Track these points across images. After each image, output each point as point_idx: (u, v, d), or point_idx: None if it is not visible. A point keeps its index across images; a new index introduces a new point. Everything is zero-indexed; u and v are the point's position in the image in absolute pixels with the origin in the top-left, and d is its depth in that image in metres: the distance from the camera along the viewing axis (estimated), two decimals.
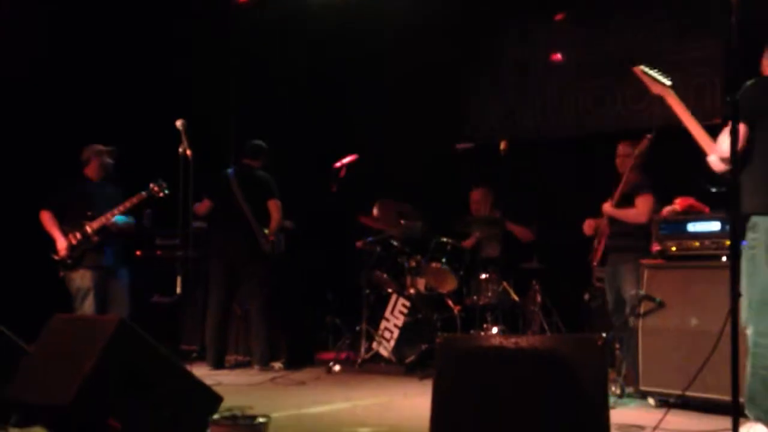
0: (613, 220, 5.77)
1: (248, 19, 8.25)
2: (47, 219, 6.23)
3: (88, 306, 6.11)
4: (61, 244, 6.14)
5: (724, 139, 3.70)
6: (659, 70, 4.34)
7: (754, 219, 3.78)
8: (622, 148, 5.83)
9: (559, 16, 7.87)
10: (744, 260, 3.78)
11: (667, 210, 5.19)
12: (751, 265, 3.77)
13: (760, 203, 3.75)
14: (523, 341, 3.43)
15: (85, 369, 3.54)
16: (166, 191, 6.17)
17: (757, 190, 3.77)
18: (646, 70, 4.35)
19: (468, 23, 8.25)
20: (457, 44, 8.34)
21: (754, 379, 3.72)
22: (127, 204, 6.22)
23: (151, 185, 6.20)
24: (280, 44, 8.47)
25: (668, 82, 4.25)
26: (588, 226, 6.00)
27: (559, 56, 7.82)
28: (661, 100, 4.20)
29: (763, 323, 3.70)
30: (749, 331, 3.78)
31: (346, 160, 7.07)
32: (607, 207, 5.76)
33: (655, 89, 4.28)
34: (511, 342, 3.43)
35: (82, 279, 6.15)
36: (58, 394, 3.52)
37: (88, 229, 6.15)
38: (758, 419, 3.74)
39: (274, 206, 6.82)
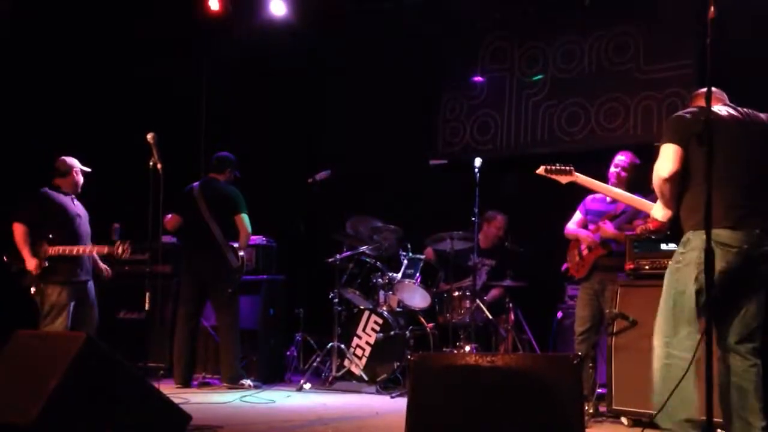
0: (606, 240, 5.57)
1: (220, 31, 8.19)
2: (20, 234, 5.91)
3: (60, 322, 5.83)
4: (31, 264, 5.83)
5: (661, 163, 3.78)
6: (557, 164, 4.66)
7: (688, 235, 3.80)
8: (630, 158, 5.58)
9: None
10: (668, 273, 3.85)
11: (640, 228, 5.16)
12: (673, 279, 3.81)
13: (697, 222, 3.73)
14: (499, 360, 3.42)
15: (49, 387, 3.46)
16: (129, 255, 5.91)
17: (695, 209, 3.76)
18: (548, 168, 4.53)
19: (444, 40, 8.27)
20: (433, 60, 8.35)
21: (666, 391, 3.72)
22: (87, 250, 5.99)
23: (118, 244, 5.87)
24: (253, 57, 8.42)
25: (569, 168, 4.56)
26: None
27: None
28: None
29: (677, 336, 3.75)
30: (656, 343, 3.83)
31: (320, 175, 7.04)
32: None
33: (564, 180, 4.46)
34: (486, 360, 3.41)
35: (59, 295, 5.86)
36: (20, 414, 3.43)
37: (43, 252, 5.86)
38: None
39: (241, 221, 6.68)
